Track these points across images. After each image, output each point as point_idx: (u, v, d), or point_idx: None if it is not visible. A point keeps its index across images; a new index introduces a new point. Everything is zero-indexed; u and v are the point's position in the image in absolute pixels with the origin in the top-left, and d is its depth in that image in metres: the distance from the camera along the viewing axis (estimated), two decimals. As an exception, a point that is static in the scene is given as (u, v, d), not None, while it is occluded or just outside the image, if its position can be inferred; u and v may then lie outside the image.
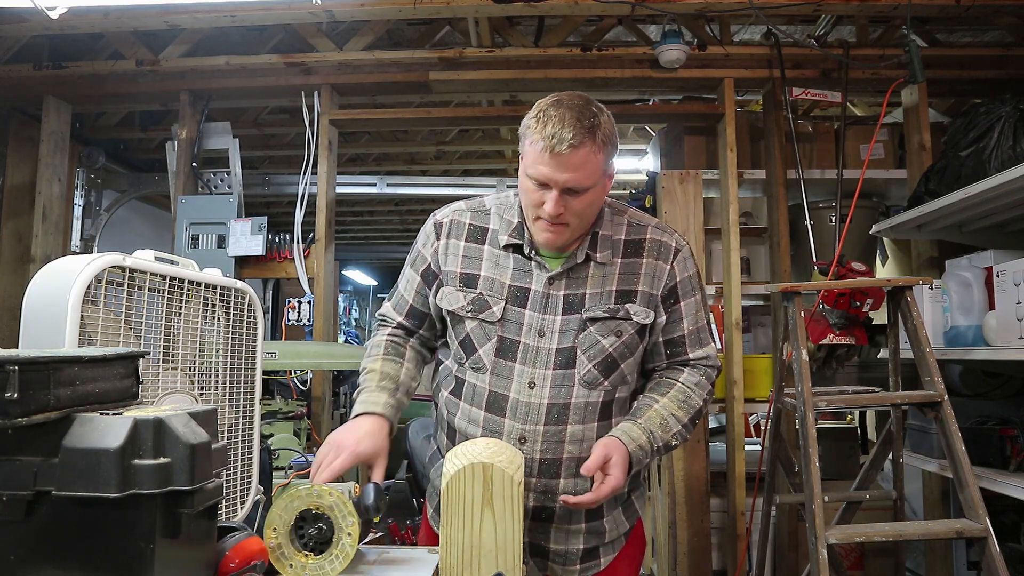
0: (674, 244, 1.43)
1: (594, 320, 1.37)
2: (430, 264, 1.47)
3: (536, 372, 1.36)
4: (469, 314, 1.40)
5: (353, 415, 1.38)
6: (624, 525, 1.48)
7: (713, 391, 1.49)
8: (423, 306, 1.51)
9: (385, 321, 1.56)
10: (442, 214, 1.49)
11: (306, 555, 1.11)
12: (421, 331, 1.54)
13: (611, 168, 1.36)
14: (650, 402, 1.40)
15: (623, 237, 1.42)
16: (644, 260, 1.41)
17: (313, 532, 1.12)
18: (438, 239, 1.47)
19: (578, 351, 1.36)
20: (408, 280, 1.52)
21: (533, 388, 1.36)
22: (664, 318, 1.42)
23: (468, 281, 1.42)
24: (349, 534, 1.11)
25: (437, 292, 1.46)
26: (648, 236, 1.43)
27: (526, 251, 1.40)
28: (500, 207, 1.46)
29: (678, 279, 1.42)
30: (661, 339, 1.44)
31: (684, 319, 1.43)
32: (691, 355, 1.44)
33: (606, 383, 1.38)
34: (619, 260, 1.40)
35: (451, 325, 1.45)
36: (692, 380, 1.44)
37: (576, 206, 1.31)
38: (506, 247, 1.42)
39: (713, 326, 2.22)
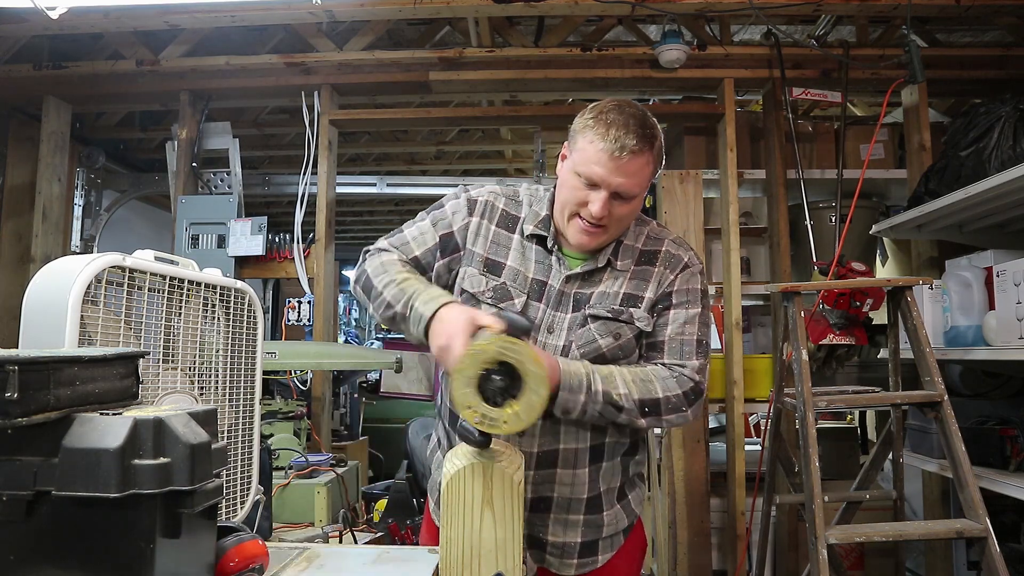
0: (685, 259, 1.44)
1: (596, 318, 1.37)
2: (454, 234, 1.44)
3: None
4: (489, 300, 1.39)
5: (431, 311, 1.23)
6: (623, 521, 1.48)
7: (682, 405, 1.35)
8: (428, 265, 1.44)
9: (384, 251, 1.46)
10: (477, 192, 1.47)
11: (490, 405, 1.13)
12: None
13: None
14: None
15: (640, 247, 1.44)
16: (656, 269, 1.42)
17: (498, 384, 1.13)
18: (471, 215, 1.44)
19: (573, 345, 1.37)
20: (422, 232, 1.45)
21: None
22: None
23: (493, 268, 1.41)
24: (535, 394, 1.12)
25: (450, 264, 1.44)
26: (664, 248, 1.44)
27: (549, 244, 1.40)
28: (531, 197, 1.47)
29: (675, 288, 1.42)
30: (644, 341, 1.43)
31: (668, 325, 1.40)
32: (666, 361, 1.39)
33: None
34: (632, 267, 1.42)
35: None
36: (658, 372, 1.37)
37: (619, 211, 1.32)
38: (529, 236, 1.41)
39: (713, 327, 2.20)
